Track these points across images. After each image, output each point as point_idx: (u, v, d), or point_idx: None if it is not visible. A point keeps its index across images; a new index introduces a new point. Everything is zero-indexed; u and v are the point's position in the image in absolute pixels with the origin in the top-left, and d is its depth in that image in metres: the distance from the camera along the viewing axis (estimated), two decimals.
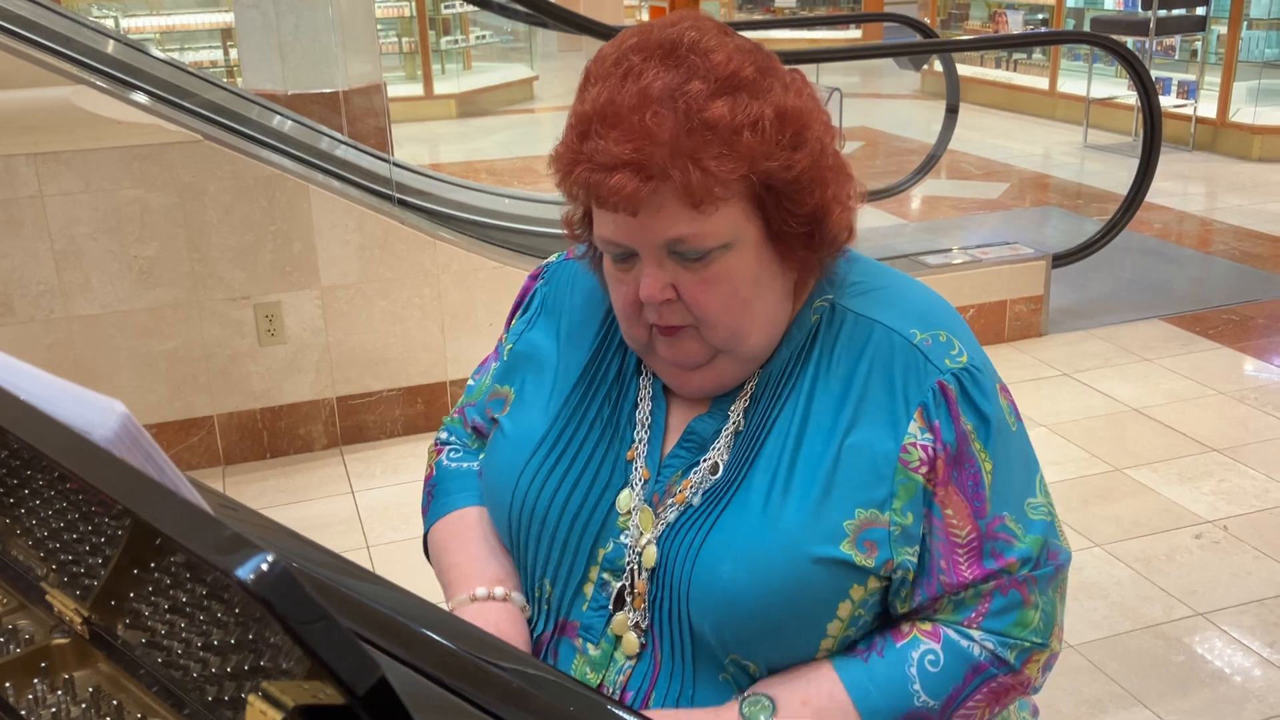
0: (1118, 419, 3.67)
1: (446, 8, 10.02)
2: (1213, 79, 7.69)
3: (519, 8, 4.32)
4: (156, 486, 0.64)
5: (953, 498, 1.05)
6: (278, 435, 3.48)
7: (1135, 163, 4.73)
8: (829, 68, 8.99)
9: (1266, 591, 2.71)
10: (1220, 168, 7.19)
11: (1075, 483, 3.25)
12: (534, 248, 3.78)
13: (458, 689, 0.80)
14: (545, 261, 1.31)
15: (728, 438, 1.10)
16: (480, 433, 1.30)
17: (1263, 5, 7.89)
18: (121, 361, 3.26)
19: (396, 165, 3.85)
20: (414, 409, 3.59)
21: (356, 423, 3.55)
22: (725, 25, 1.07)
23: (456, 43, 10.24)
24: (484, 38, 10.69)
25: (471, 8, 9.13)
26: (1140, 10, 7.92)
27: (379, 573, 1.04)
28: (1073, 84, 8.65)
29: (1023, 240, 4.61)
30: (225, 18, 8.49)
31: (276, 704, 0.62)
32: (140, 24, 8.76)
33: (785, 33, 11.52)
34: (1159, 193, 6.01)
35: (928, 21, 9.26)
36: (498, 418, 1.23)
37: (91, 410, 0.72)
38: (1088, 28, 8.45)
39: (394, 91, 6.71)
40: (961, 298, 4.15)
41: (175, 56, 4.69)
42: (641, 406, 1.15)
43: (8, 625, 0.87)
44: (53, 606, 0.83)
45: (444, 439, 1.35)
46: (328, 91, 4.80)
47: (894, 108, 9.59)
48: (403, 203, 3.64)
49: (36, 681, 0.82)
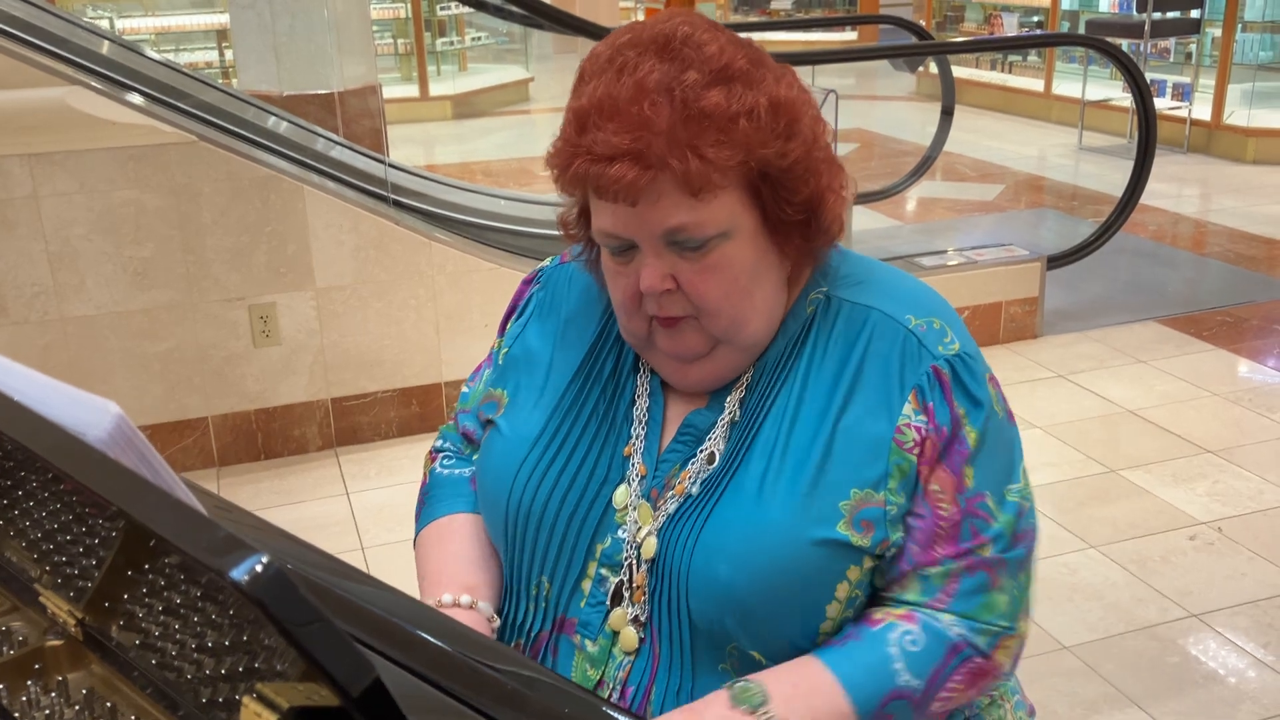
0: (1112, 420, 3.67)
1: (442, 9, 10.02)
2: (1207, 81, 7.70)
3: (514, 9, 4.32)
4: (151, 488, 0.64)
5: (940, 474, 1.07)
6: (272, 436, 3.48)
7: (1130, 165, 4.74)
8: (824, 70, 8.98)
9: (1260, 593, 2.72)
10: (1215, 170, 7.20)
11: (1070, 484, 3.26)
12: (529, 249, 3.78)
13: (452, 690, 0.80)
14: (539, 266, 1.32)
15: (723, 427, 1.11)
16: (472, 440, 1.31)
17: (1257, 8, 7.91)
18: (116, 363, 3.26)
19: (392, 166, 3.85)
20: (409, 410, 3.58)
21: (351, 424, 3.55)
22: (715, 21, 1.09)
23: (452, 44, 10.24)
24: (479, 39, 10.69)
25: (467, 9, 9.12)
26: (1135, 13, 7.94)
27: (373, 574, 1.04)
28: (1068, 86, 8.66)
29: (1018, 242, 4.62)
30: (220, 19, 8.48)
31: (271, 705, 0.62)
32: (135, 25, 8.74)
33: (781, 34, 11.53)
34: (1154, 195, 6.02)
35: (923, 24, 9.27)
36: (492, 419, 1.23)
37: (86, 411, 0.72)
38: (1083, 30, 8.46)
39: (389, 93, 6.70)
40: (957, 299, 4.16)
41: (170, 57, 4.69)
42: (639, 403, 1.16)
43: (1, 627, 0.87)
44: (46, 608, 0.83)
45: (439, 446, 1.35)
46: (323, 93, 4.79)
47: (889, 110, 9.60)
48: (398, 204, 3.64)
49: (30, 683, 0.82)
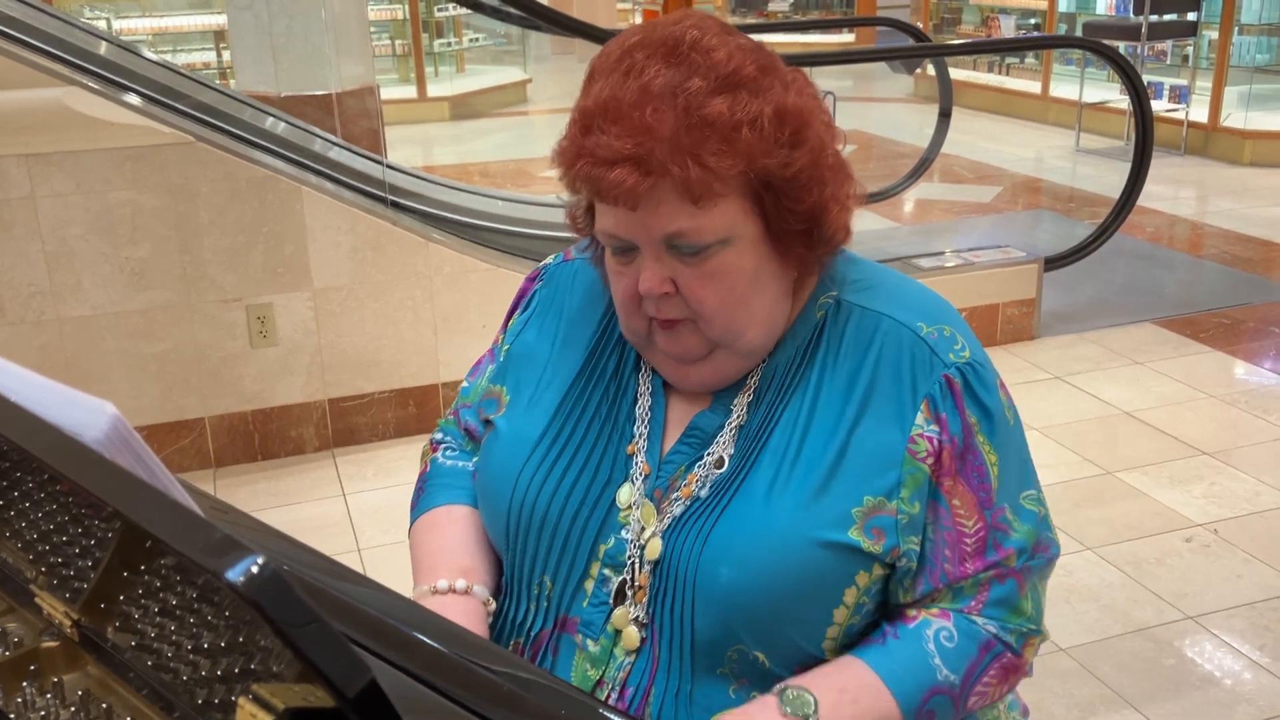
0: (1109, 422, 3.68)
1: (439, 10, 10.02)
2: (1204, 84, 7.71)
3: (512, 10, 4.32)
4: (147, 488, 0.64)
5: (960, 489, 1.08)
6: (269, 437, 3.47)
7: (1127, 167, 4.74)
8: (822, 72, 8.99)
9: (1256, 595, 2.72)
10: (1211, 172, 7.21)
11: (1066, 486, 3.26)
12: (526, 250, 3.78)
13: (448, 692, 0.80)
14: (543, 263, 1.32)
15: (731, 432, 1.11)
16: (472, 435, 1.30)
17: (1254, 10, 7.92)
18: (113, 363, 3.25)
19: (389, 167, 3.85)
20: (406, 411, 3.58)
21: (348, 425, 3.54)
22: (728, 25, 1.09)
23: (450, 45, 10.23)
24: (477, 40, 10.69)
25: (465, 11, 9.12)
26: (1132, 15, 7.95)
27: (370, 575, 1.04)
28: (1065, 88, 8.67)
29: (1015, 244, 4.62)
30: (218, 20, 8.47)
31: (267, 707, 0.62)
32: (133, 25, 8.73)
33: (779, 36, 11.53)
34: (1150, 197, 6.02)
35: (920, 26, 9.28)
36: (491, 418, 1.23)
37: (82, 412, 0.72)
38: (1080, 32, 8.47)
39: (387, 94, 6.69)
40: (954, 301, 4.09)
41: (168, 58, 4.68)
42: (641, 402, 1.16)
43: None
44: (42, 609, 0.83)
45: (439, 439, 1.35)
46: (321, 93, 4.79)
47: (887, 111, 9.61)
48: (395, 205, 3.63)
49: (25, 684, 0.81)
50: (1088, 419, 3.70)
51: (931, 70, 7.77)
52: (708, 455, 1.11)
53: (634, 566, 1.10)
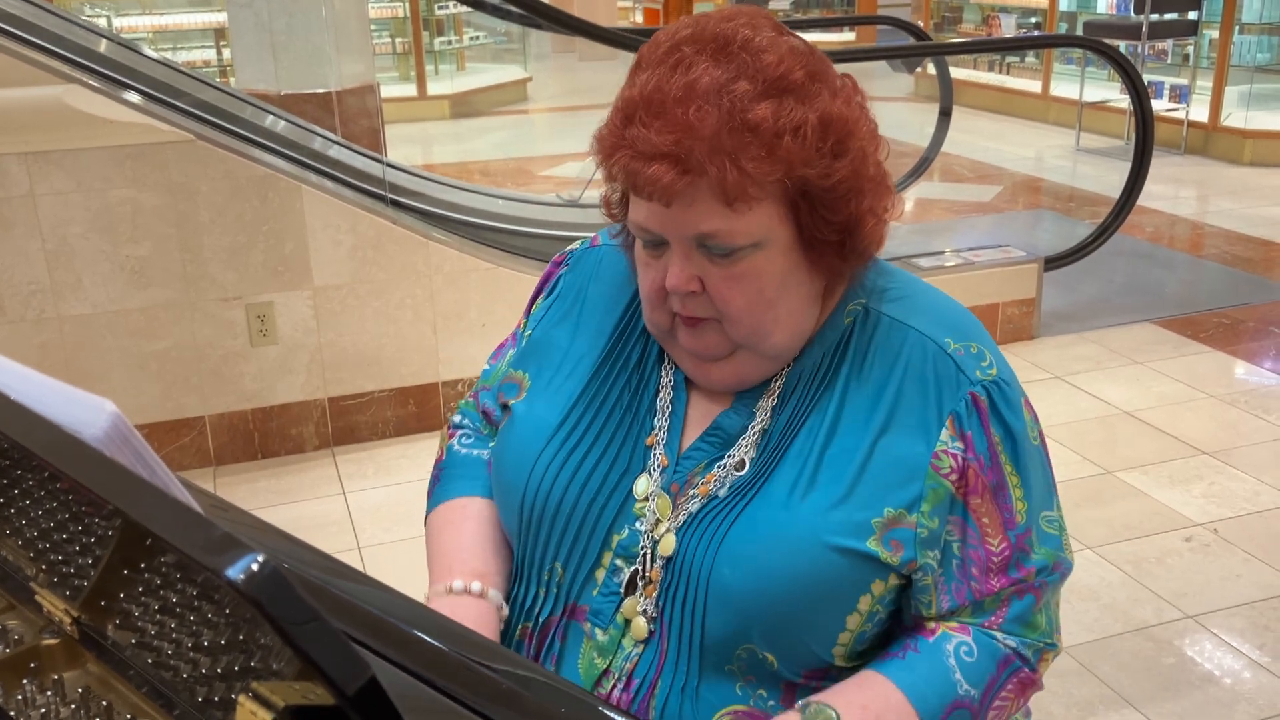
0: (1109, 422, 3.68)
1: (440, 8, 10.01)
2: (1204, 83, 7.71)
3: (512, 9, 4.32)
4: (147, 486, 0.64)
5: (988, 508, 1.08)
6: (269, 436, 3.47)
7: (1127, 166, 4.73)
8: None
9: (1256, 594, 2.72)
10: (1212, 172, 7.21)
11: (1066, 485, 3.26)
12: (527, 249, 3.78)
13: (448, 690, 0.80)
14: (569, 248, 1.31)
15: (754, 434, 1.11)
16: (490, 418, 1.30)
17: (1254, 10, 7.92)
18: (113, 361, 3.25)
19: (390, 166, 3.85)
20: (406, 410, 3.58)
21: (348, 423, 3.54)
22: (782, 24, 1.07)
23: (450, 43, 10.23)
24: (477, 39, 10.67)
25: (465, 9, 9.11)
26: (1132, 14, 7.95)
27: (370, 574, 1.04)
28: (1065, 87, 8.67)
29: (1015, 243, 4.62)
30: (218, 17, 8.47)
31: (266, 704, 0.62)
32: (133, 23, 8.73)
33: None
34: (1151, 196, 6.02)
35: (921, 24, 9.27)
36: (510, 403, 1.22)
37: (82, 410, 0.72)
38: (1080, 31, 8.47)
39: (387, 92, 6.69)
40: None
41: (168, 56, 4.68)
42: (662, 395, 1.16)
43: None
44: (42, 607, 0.83)
45: (457, 422, 1.34)
46: (321, 92, 4.79)
47: (887, 110, 9.53)
48: (396, 203, 3.63)
49: (26, 682, 0.81)
50: (1088, 418, 3.70)
51: (932, 69, 7.77)
52: (729, 457, 1.11)
53: (646, 559, 1.10)
